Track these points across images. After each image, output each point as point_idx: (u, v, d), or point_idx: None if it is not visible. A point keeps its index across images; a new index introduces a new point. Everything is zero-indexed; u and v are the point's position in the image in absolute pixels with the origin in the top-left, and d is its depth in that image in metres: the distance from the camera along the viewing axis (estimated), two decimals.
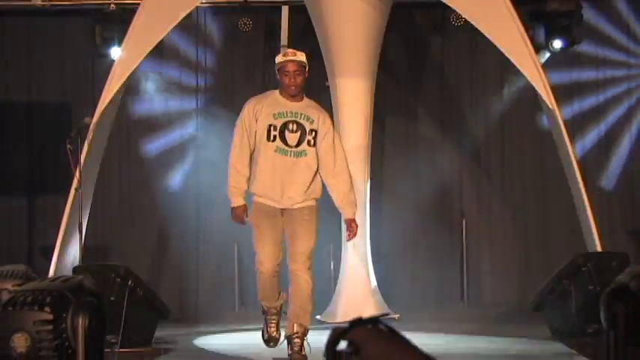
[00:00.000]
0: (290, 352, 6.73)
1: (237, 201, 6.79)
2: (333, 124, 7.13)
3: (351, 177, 7.02)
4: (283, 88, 6.83)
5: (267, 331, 6.96)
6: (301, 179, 6.78)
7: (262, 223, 6.81)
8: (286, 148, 6.74)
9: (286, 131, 6.73)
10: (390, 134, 11.31)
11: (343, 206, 7.00)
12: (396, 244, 11.07)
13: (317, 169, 6.83)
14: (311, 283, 6.77)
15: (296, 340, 6.69)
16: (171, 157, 11.37)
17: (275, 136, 6.71)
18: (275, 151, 6.72)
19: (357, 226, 7.01)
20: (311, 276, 6.77)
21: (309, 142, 6.77)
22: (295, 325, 6.72)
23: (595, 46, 11.37)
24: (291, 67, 6.73)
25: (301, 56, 6.83)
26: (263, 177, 6.76)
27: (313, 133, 6.77)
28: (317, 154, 6.82)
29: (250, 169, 6.82)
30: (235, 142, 6.82)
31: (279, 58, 6.90)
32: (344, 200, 6.95)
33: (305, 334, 6.73)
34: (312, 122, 6.78)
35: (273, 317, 6.95)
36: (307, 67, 6.85)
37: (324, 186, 6.91)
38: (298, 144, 6.75)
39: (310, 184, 6.79)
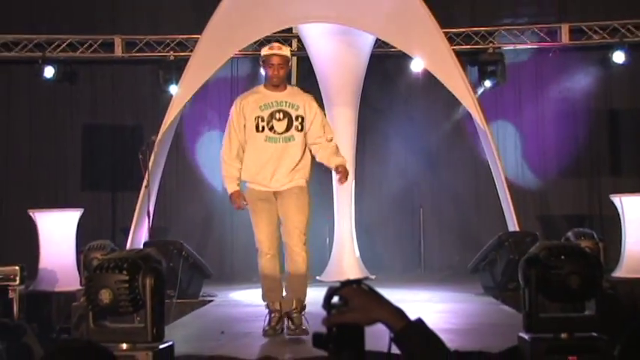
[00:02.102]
0: (292, 326, 5.52)
1: (231, 187, 5.65)
2: (320, 105, 5.94)
3: (338, 148, 5.78)
4: (267, 79, 5.69)
5: (270, 324, 5.58)
6: (288, 161, 5.57)
7: (257, 206, 5.63)
8: (275, 135, 5.54)
9: (273, 120, 5.54)
10: (369, 148, 11.30)
11: (331, 159, 5.67)
12: (373, 226, 11.08)
13: (304, 152, 5.65)
14: (307, 259, 5.59)
15: (295, 314, 5.52)
16: (214, 164, 11.35)
17: (263, 127, 5.54)
18: (265, 140, 5.55)
19: (347, 171, 5.68)
20: (307, 251, 5.59)
21: (296, 127, 5.57)
22: (295, 301, 5.54)
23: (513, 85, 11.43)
24: (275, 60, 5.57)
25: (285, 50, 5.73)
26: (254, 164, 5.59)
27: (300, 118, 5.59)
28: (306, 138, 5.64)
29: (242, 160, 5.68)
30: (225, 139, 5.71)
31: (264, 51, 5.69)
32: (331, 156, 5.67)
33: (303, 309, 5.56)
34: (297, 109, 5.60)
35: (276, 314, 5.61)
36: (290, 61, 5.75)
37: (314, 167, 5.78)
38: (287, 130, 5.56)
39: (297, 165, 5.60)
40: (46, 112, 11.55)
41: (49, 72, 11.08)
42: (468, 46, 11.02)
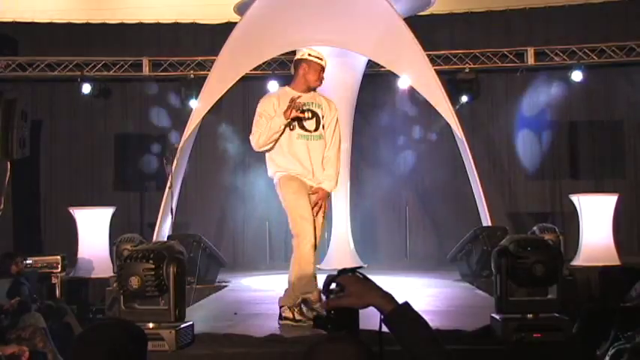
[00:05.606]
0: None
1: (278, 117, 4.88)
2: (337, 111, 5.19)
3: (338, 163, 5.10)
4: (305, 81, 5.08)
5: (295, 317, 4.88)
6: (320, 159, 5.00)
7: (301, 192, 4.89)
8: (307, 133, 4.96)
9: (303, 119, 4.98)
10: (362, 154, 11.27)
11: (322, 180, 4.98)
12: (366, 221, 11.04)
13: None
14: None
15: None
16: (228, 168, 11.36)
17: (294, 125, 4.94)
18: (297, 138, 4.95)
19: (322, 199, 4.96)
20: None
21: (323, 126, 5.02)
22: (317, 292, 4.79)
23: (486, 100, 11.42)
24: (321, 66, 5.07)
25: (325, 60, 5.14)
26: (288, 160, 4.94)
27: (322, 118, 5.04)
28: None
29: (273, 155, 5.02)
30: (255, 131, 5.01)
31: (312, 56, 5.08)
32: (325, 176, 4.99)
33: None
34: (321, 109, 5.05)
35: (299, 306, 4.88)
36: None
37: None
38: (316, 129, 5.00)
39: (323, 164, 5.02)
40: (83, 123, 11.54)
41: (86, 88, 11.11)
42: (447, 66, 11.03)
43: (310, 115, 5.01)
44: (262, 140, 4.95)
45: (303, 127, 4.98)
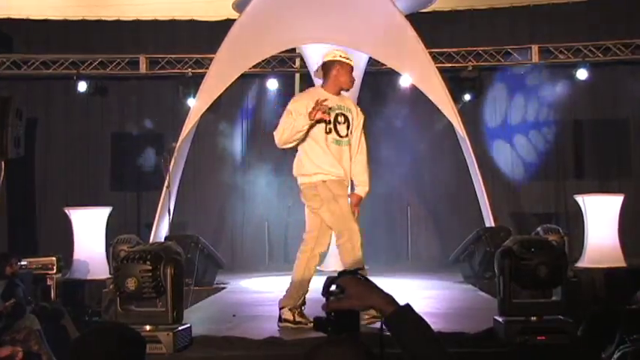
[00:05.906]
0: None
1: (305, 117, 4.81)
2: (365, 117, 5.29)
3: (368, 164, 5.26)
4: (338, 83, 5.07)
5: (295, 318, 5.00)
6: (349, 165, 5.09)
7: (344, 197, 4.98)
8: (340, 138, 4.99)
9: (337, 124, 4.97)
10: None
11: (357, 185, 5.15)
12: (367, 222, 10.94)
13: None
14: None
15: None
16: (226, 167, 11.35)
17: (330, 129, 4.93)
18: (332, 142, 4.96)
19: (359, 203, 5.16)
20: None
21: (351, 131, 5.07)
22: None
23: (489, 98, 11.41)
24: (351, 67, 5.10)
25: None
26: (326, 161, 4.94)
27: (351, 122, 5.07)
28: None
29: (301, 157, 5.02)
30: (280, 128, 4.95)
31: (343, 57, 5.10)
32: (358, 177, 5.15)
33: None
34: (351, 113, 5.08)
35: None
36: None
37: None
38: (347, 134, 5.04)
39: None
40: (79, 122, 11.52)
41: (82, 87, 11.10)
42: (450, 64, 11.02)
43: (343, 119, 5.03)
44: (285, 137, 4.94)
45: (337, 132, 5.00)
